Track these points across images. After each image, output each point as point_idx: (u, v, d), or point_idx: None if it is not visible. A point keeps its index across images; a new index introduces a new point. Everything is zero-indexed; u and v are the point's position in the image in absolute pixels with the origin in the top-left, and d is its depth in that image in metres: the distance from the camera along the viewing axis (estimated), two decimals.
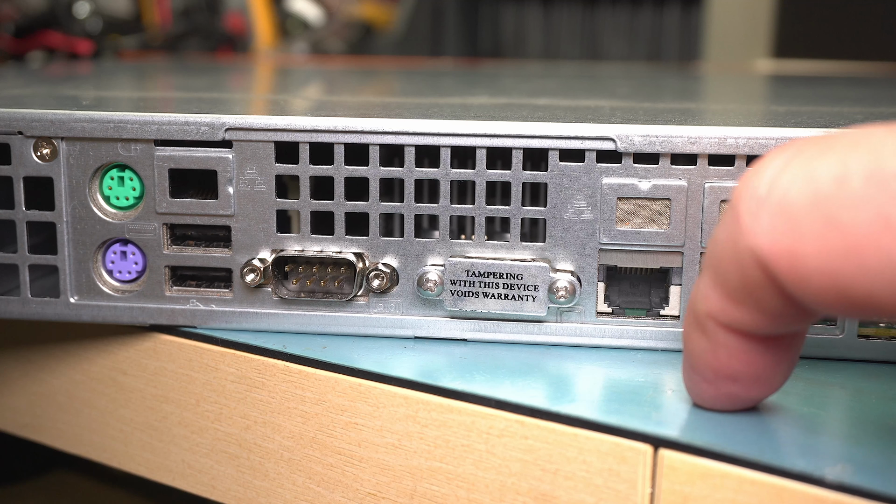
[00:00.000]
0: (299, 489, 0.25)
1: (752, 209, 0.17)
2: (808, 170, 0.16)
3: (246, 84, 0.45)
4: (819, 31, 0.92)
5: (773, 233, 0.17)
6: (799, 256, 0.16)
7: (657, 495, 0.20)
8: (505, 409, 0.22)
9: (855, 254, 0.16)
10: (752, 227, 0.17)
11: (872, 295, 0.16)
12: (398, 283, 0.25)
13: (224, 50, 0.76)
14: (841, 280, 0.16)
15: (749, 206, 0.17)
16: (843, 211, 0.16)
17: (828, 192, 0.16)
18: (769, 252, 0.17)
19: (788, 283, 0.17)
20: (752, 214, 0.17)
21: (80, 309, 0.26)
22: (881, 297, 0.16)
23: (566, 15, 1.11)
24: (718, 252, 0.18)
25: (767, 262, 0.17)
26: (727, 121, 0.25)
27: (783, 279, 0.17)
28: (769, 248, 0.17)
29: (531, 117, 0.25)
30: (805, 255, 0.16)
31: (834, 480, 0.18)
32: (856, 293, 0.16)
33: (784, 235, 0.16)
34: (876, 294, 0.16)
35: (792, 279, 0.17)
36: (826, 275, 0.16)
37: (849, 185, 0.16)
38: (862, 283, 0.16)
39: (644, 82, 0.45)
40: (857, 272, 0.16)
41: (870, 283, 0.16)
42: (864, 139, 0.16)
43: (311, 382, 0.24)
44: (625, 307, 0.25)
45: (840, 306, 0.16)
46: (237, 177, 0.25)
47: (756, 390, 0.20)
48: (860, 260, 0.16)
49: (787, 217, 0.16)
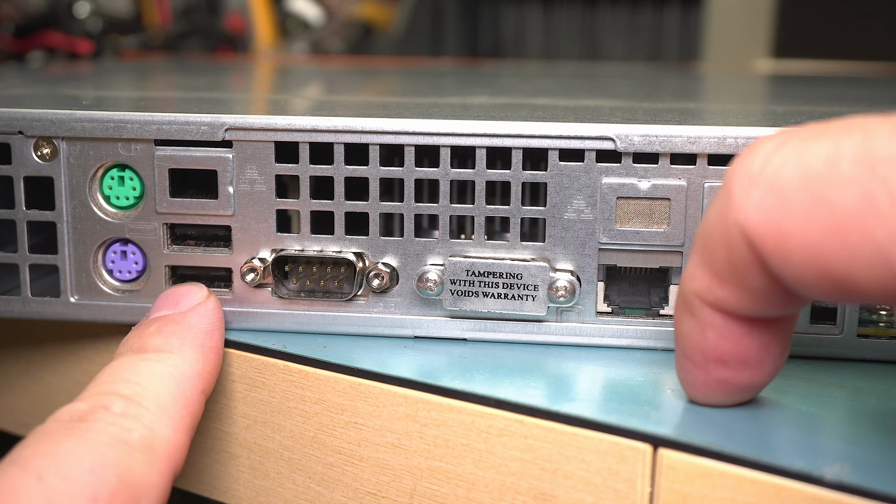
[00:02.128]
0: (299, 488, 0.25)
1: (744, 186, 0.17)
2: (800, 151, 0.17)
3: (246, 84, 0.45)
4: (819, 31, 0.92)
5: (762, 208, 0.17)
6: (785, 233, 0.17)
7: (656, 494, 0.20)
8: (504, 409, 0.22)
9: (839, 233, 0.16)
10: (743, 203, 0.17)
11: (852, 275, 0.16)
12: (398, 283, 0.25)
13: (224, 50, 0.76)
14: (823, 258, 0.16)
15: (741, 182, 0.17)
16: (831, 190, 0.16)
17: (818, 172, 0.16)
18: (756, 227, 0.17)
19: (773, 260, 0.17)
20: (744, 191, 0.17)
21: (80, 309, 0.26)
22: (860, 278, 0.16)
23: (566, 15, 1.11)
24: (708, 230, 0.18)
25: (754, 237, 0.17)
26: (727, 121, 0.25)
27: (768, 255, 0.17)
28: (757, 224, 0.17)
29: (531, 117, 0.25)
30: (791, 231, 0.17)
31: (833, 480, 0.18)
32: (836, 272, 0.16)
33: (772, 212, 0.17)
34: (856, 274, 0.16)
35: (776, 255, 0.17)
36: (809, 252, 0.16)
37: (839, 167, 0.16)
38: (843, 262, 0.16)
39: (644, 82, 0.45)
40: (840, 251, 0.16)
41: (851, 262, 0.16)
42: (857, 124, 0.17)
43: (311, 382, 0.24)
44: (624, 307, 0.25)
45: (820, 285, 0.17)
46: (237, 177, 0.25)
47: (747, 375, 0.20)
48: (843, 239, 0.16)
49: (777, 194, 0.17)
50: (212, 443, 0.26)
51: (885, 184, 0.16)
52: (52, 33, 0.60)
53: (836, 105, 0.32)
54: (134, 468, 0.20)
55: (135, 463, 0.20)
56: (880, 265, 0.16)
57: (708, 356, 0.20)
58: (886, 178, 0.16)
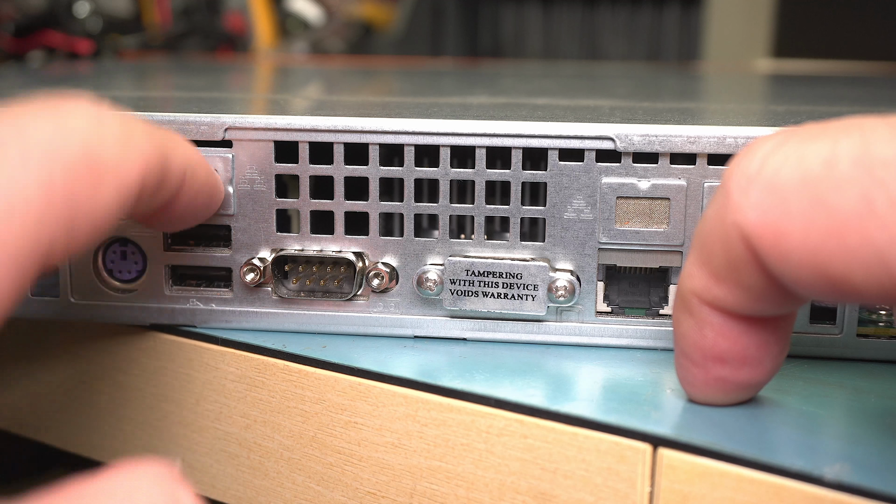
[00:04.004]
0: (299, 488, 0.25)
1: (742, 186, 0.17)
2: (799, 151, 0.17)
3: (246, 84, 0.45)
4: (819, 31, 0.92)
5: (760, 208, 0.17)
6: (783, 233, 0.17)
7: (656, 494, 0.20)
8: (504, 409, 0.22)
9: (837, 234, 0.16)
10: (741, 202, 0.17)
11: (850, 276, 0.16)
12: (398, 283, 0.25)
13: (224, 50, 0.76)
14: (821, 258, 0.16)
15: (739, 183, 0.17)
16: (829, 192, 0.16)
17: (817, 173, 0.16)
18: (755, 227, 0.17)
19: (770, 259, 0.17)
20: (742, 191, 0.17)
21: (80, 309, 0.26)
22: (858, 280, 0.16)
23: (566, 15, 1.11)
24: (706, 230, 0.18)
25: (752, 237, 0.17)
26: (726, 120, 0.25)
27: (765, 255, 0.17)
28: (755, 224, 0.17)
29: (531, 117, 0.25)
30: (789, 232, 0.17)
31: (832, 479, 0.18)
32: (833, 272, 0.16)
33: (771, 212, 0.17)
34: (853, 275, 0.16)
35: (774, 255, 0.17)
36: (807, 252, 0.16)
37: (837, 168, 0.16)
38: (840, 262, 0.16)
39: (643, 82, 0.45)
40: (837, 251, 0.16)
41: (848, 263, 0.16)
42: (855, 126, 0.17)
43: (310, 382, 0.24)
44: (624, 306, 0.25)
45: (818, 286, 0.17)
46: (237, 176, 0.25)
47: (745, 373, 0.20)
48: (841, 240, 0.16)
49: (775, 194, 0.17)
50: (212, 442, 0.26)
51: (883, 186, 0.16)
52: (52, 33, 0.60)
53: (835, 105, 0.32)
54: (103, 144, 0.18)
55: (104, 141, 0.18)
56: (878, 267, 0.16)
57: (706, 354, 0.20)
58: (884, 181, 0.16)
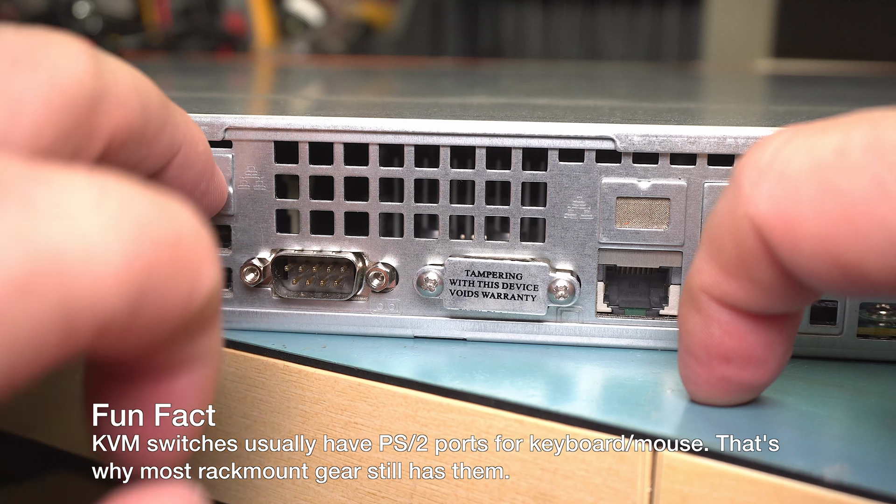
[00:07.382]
0: (299, 488, 0.25)
1: (753, 179, 0.17)
2: (810, 143, 0.17)
3: (246, 84, 0.45)
4: (819, 31, 0.92)
5: (771, 199, 0.17)
6: (795, 221, 0.17)
7: (656, 494, 0.20)
8: (504, 409, 0.22)
9: (849, 219, 0.16)
10: (752, 195, 0.17)
11: (862, 262, 0.16)
12: (398, 283, 0.25)
13: (224, 50, 0.76)
14: (833, 246, 0.16)
15: (750, 175, 0.17)
16: (840, 178, 0.16)
17: (827, 161, 0.16)
18: (766, 218, 0.17)
19: (782, 250, 0.17)
20: (753, 183, 0.17)
21: None
22: (871, 265, 0.16)
23: (566, 15, 1.11)
24: (716, 224, 0.18)
25: (763, 228, 0.17)
26: (726, 120, 0.25)
27: (777, 245, 0.17)
28: (767, 215, 0.17)
29: (531, 117, 0.25)
30: (801, 219, 0.17)
31: (833, 480, 0.18)
32: (846, 260, 0.16)
33: (782, 202, 0.17)
34: (866, 261, 0.16)
35: (786, 245, 0.17)
36: (819, 240, 0.16)
37: (848, 154, 0.16)
38: (854, 249, 0.16)
39: (643, 82, 0.45)
40: (850, 238, 0.16)
41: (861, 249, 0.16)
42: (865, 117, 0.17)
43: (310, 382, 0.24)
44: (624, 307, 0.25)
45: (830, 275, 0.17)
46: (237, 176, 0.25)
47: (750, 373, 0.20)
48: (853, 226, 0.16)
49: (786, 184, 0.17)
50: (211, 443, 0.26)
51: (894, 170, 0.16)
52: None
53: (835, 105, 0.32)
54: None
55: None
56: (891, 251, 0.16)
57: (712, 353, 0.20)
58: None
